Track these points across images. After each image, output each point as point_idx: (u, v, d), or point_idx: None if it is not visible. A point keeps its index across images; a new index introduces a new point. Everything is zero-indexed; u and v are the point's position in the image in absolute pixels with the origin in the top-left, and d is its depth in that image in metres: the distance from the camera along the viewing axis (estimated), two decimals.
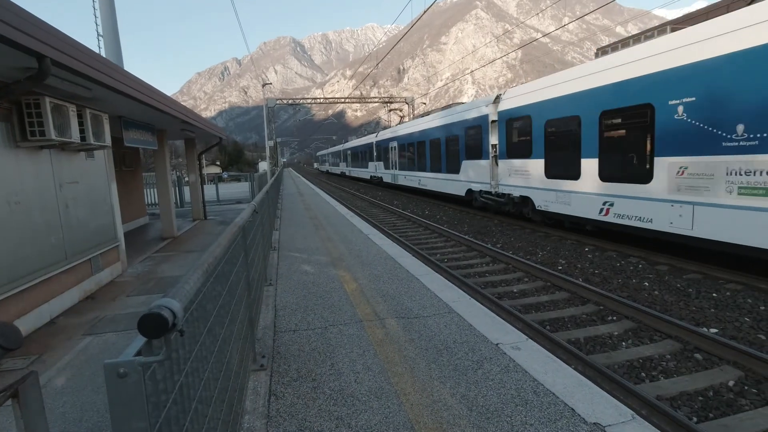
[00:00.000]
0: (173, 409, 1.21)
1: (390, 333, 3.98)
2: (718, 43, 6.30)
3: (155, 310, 1.00)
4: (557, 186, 9.98)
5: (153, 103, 6.92)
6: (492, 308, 5.58)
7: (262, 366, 3.39)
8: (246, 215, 3.24)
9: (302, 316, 4.54)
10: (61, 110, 5.22)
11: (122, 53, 10.28)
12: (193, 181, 14.76)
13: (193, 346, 1.49)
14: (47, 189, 5.39)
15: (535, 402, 2.78)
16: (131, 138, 8.61)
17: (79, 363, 3.95)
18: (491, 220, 13.38)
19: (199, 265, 1.52)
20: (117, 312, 5.40)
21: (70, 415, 3.09)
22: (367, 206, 19.42)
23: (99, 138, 6.16)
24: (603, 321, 5.45)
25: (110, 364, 0.95)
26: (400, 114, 42.25)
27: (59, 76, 4.65)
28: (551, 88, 10.02)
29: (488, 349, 3.56)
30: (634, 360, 4.40)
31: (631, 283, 6.82)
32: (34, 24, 3.65)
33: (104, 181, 7.08)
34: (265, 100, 40.33)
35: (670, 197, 7.17)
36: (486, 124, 13.10)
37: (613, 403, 2.73)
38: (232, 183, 40.23)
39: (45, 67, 3.83)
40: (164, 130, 10.90)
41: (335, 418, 2.69)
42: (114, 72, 5.40)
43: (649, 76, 7.39)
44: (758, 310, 5.48)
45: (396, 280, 5.70)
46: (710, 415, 3.49)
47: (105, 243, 6.84)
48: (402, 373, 3.23)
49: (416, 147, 20.21)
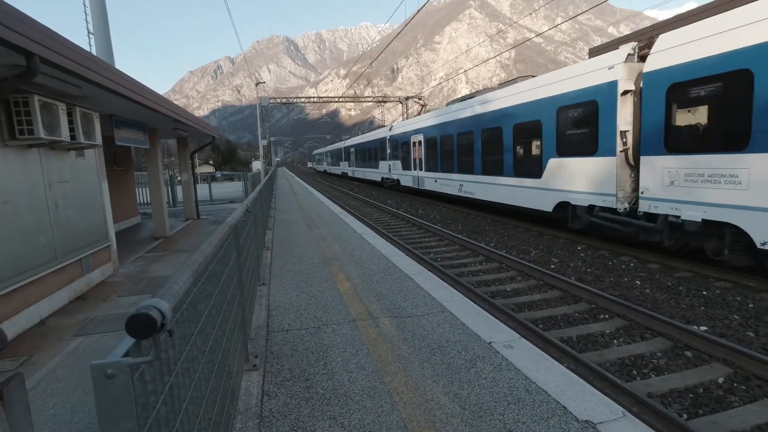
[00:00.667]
0: (163, 410, 1.20)
1: (383, 332, 3.98)
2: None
3: (143, 311, 0.99)
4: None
5: (144, 101, 6.86)
6: (485, 307, 5.59)
7: (255, 366, 3.37)
8: (238, 214, 3.22)
9: (295, 315, 4.53)
10: (50, 108, 5.15)
11: (113, 51, 10.17)
12: (185, 180, 14.66)
13: (184, 346, 1.48)
14: (36, 188, 5.32)
15: (528, 400, 2.79)
16: (122, 137, 8.52)
17: (69, 364, 3.90)
18: (484, 219, 13.41)
19: (189, 265, 1.51)
20: (108, 312, 5.35)
21: (60, 416, 3.05)
22: (360, 205, 19.41)
23: (89, 137, 6.09)
24: (595, 319, 5.49)
25: (97, 365, 0.94)
26: (421, 103, 37.45)
27: (48, 74, 4.58)
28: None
29: (481, 348, 3.57)
30: (625, 358, 4.44)
31: (622, 281, 6.88)
32: (22, 21, 3.60)
33: (95, 180, 7.00)
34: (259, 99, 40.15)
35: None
36: (609, 99, 8.34)
37: (605, 401, 2.75)
38: (226, 182, 40.04)
39: (34, 65, 3.78)
40: (156, 128, 10.80)
41: (328, 418, 2.69)
42: (104, 70, 5.34)
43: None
44: (747, 307, 5.55)
45: (389, 280, 5.70)
46: (700, 412, 3.53)
47: (96, 243, 6.77)
48: (395, 372, 3.23)
49: (456, 140, 15.19)
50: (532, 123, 10.75)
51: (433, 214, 15.49)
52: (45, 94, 5.07)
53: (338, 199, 21.69)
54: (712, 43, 6.45)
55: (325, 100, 47.41)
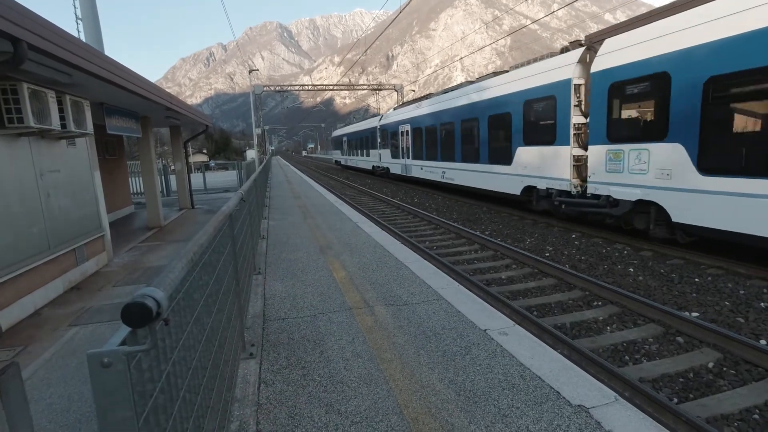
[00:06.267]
0: (160, 398, 1.21)
1: (379, 320, 4.01)
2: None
3: (138, 300, 0.98)
4: (726, 187, 6.30)
5: (135, 89, 6.75)
6: (480, 295, 5.64)
7: (252, 354, 3.39)
8: (233, 204, 3.21)
9: (291, 304, 4.54)
10: (39, 96, 5.06)
11: (102, 37, 9.97)
12: (179, 169, 14.52)
13: (180, 335, 1.48)
14: (27, 178, 5.25)
15: (522, 386, 2.83)
16: (114, 125, 8.41)
17: (65, 354, 3.90)
18: (480, 208, 13.44)
19: (184, 254, 1.50)
20: (103, 302, 5.34)
21: (57, 405, 3.06)
22: (355, 194, 19.37)
23: (80, 125, 6.00)
24: (589, 306, 5.56)
25: (94, 354, 0.94)
26: (413, 90, 39.22)
27: (36, 61, 4.49)
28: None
29: (476, 335, 3.60)
30: (618, 344, 4.50)
31: (616, 269, 6.95)
32: (8, 6, 3.51)
33: (87, 169, 6.92)
34: (252, 87, 39.67)
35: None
36: (564, 94, 9.46)
37: (597, 386, 2.80)
38: (220, 172, 39.74)
39: (21, 52, 3.70)
40: (148, 117, 10.66)
41: (325, 405, 2.71)
42: (94, 57, 5.24)
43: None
44: (738, 294, 5.64)
45: (385, 268, 5.72)
46: (690, 396, 3.60)
47: (89, 233, 6.72)
48: (391, 359, 3.26)
49: (439, 130, 16.27)
50: (503, 115, 11.94)
51: (429, 202, 15.49)
52: (34, 82, 4.97)
53: (333, 188, 21.63)
54: (642, 48, 7.52)
55: (319, 88, 46.94)
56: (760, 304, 5.26)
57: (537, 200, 10.99)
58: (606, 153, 8.41)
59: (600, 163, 8.58)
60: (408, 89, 39.91)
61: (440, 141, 16.27)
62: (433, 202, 15.42)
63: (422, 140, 18.15)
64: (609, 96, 8.24)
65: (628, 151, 7.93)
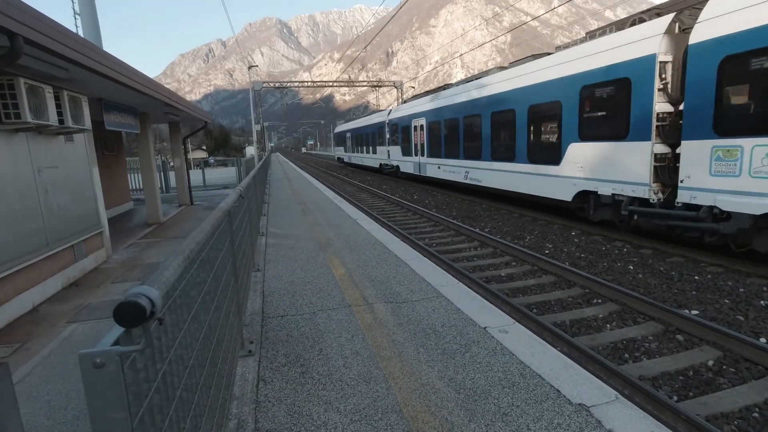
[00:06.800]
0: (156, 398, 1.19)
1: (378, 318, 3.99)
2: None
3: (131, 299, 0.96)
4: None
5: (133, 84, 6.71)
6: (480, 292, 5.62)
7: (251, 352, 3.37)
8: (231, 200, 3.18)
9: (290, 301, 4.52)
10: (36, 92, 5.02)
11: (101, 32, 9.90)
12: (178, 165, 14.48)
13: (177, 333, 1.46)
14: (25, 174, 5.22)
15: (522, 384, 2.82)
16: (112, 121, 8.36)
17: (64, 351, 3.88)
18: (479, 205, 13.41)
19: (180, 252, 1.48)
20: (102, 299, 5.32)
21: (55, 402, 3.05)
22: (355, 191, 19.34)
23: (78, 121, 5.96)
24: (588, 304, 5.54)
25: (86, 354, 0.92)
26: (412, 87, 37.93)
27: (33, 56, 4.45)
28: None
29: (476, 333, 3.59)
30: (618, 342, 4.49)
31: (616, 266, 6.94)
32: (5, 0, 3.47)
33: (85, 165, 6.89)
34: (252, 83, 39.54)
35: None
36: (644, 75, 7.43)
37: (598, 384, 2.79)
38: (219, 168, 39.65)
39: (17, 46, 3.66)
40: (147, 113, 10.61)
41: (324, 403, 2.70)
42: (91, 52, 5.19)
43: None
44: (738, 292, 5.62)
45: (384, 265, 5.70)
46: (690, 394, 3.59)
47: (88, 229, 6.69)
48: (390, 357, 3.24)
49: (463, 124, 14.20)
50: (550, 104, 9.81)
51: (428, 199, 15.47)
52: (31, 77, 4.93)
53: (333, 185, 21.60)
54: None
55: (319, 85, 46.84)
56: (760, 302, 5.25)
57: (595, 208, 8.94)
58: (711, 150, 6.40)
59: (701, 163, 6.55)
60: (408, 86, 39.82)
61: (463, 136, 14.27)
62: (433, 199, 15.39)
63: (440, 136, 16.03)
64: (719, 74, 6.23)
65: (750, 147, 5.89)
